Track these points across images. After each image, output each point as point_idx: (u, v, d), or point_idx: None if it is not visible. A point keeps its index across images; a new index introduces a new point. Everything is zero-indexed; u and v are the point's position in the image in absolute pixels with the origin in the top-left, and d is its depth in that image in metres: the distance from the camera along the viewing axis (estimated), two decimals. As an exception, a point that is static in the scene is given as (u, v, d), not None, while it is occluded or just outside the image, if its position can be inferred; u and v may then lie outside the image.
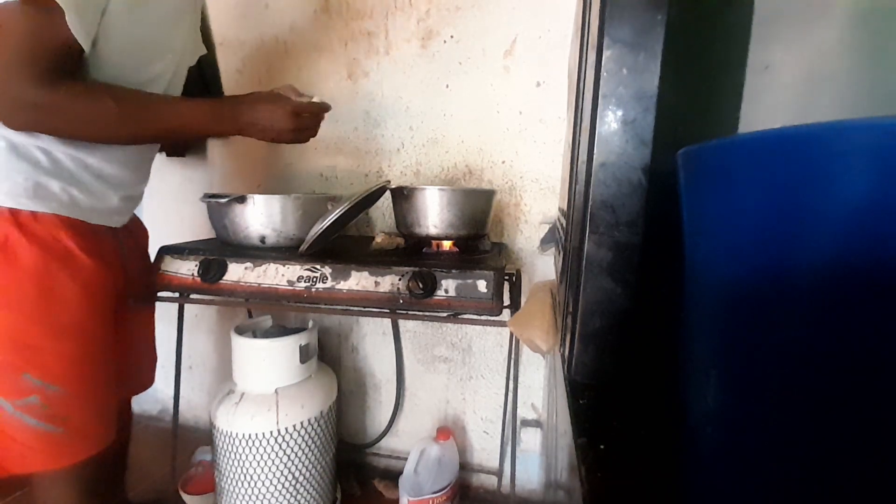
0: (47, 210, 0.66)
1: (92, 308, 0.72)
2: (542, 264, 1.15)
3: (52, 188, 0.67)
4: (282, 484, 0.95)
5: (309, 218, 0.92)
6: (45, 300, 0.66)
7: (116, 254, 0.79)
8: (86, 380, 0.71)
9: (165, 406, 1.59)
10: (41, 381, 0.67)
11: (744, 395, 0.20)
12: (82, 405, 0.71)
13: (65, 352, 0.69)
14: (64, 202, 0.68)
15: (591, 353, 0.38)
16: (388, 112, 1.18)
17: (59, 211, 0.68)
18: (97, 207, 0.74)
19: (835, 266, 0.16)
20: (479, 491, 1.26)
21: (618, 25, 0.33)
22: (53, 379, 0.68)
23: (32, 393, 0.66)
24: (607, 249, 0.36)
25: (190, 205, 1.41)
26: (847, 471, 0.17)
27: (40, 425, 0.67)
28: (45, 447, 0.68)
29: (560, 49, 1.03)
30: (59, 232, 0.67)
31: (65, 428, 0.69)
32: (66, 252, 0.68)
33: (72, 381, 0.69)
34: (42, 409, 0.67)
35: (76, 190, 0.70)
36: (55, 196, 0.67)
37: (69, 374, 0.69)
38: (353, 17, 1.16)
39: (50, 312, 0.67)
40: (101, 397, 0.74)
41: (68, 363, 0.69)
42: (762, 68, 0.35)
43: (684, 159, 0.24)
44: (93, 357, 0.72)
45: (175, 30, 0.77)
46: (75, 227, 0.70)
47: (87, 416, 0.72)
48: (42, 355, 0.67)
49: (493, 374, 1.23)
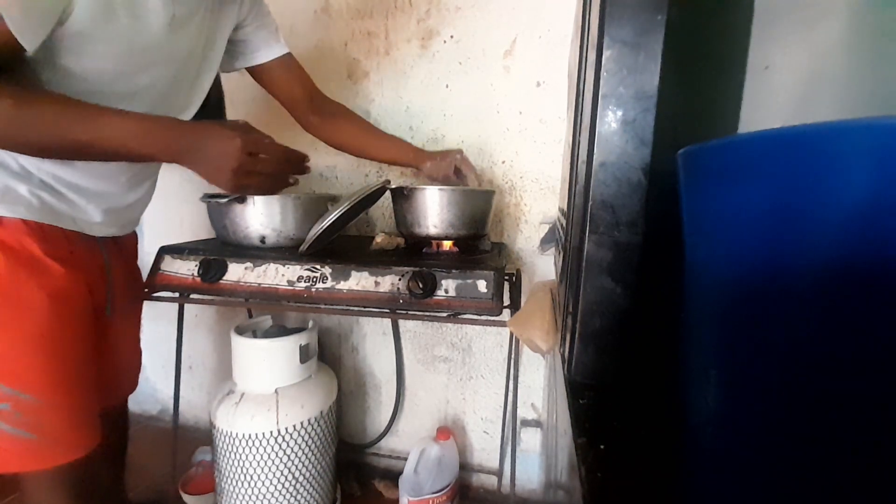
0: (14, 215, 0.63)
1: (61, 316, 0.68)
2: (542, 264, 1.15)
3: (20, 192, 0.64)
4: (282, 484, 0.95)
5: (309, 218, 0.92)
6: (12, 308, 0.64)
7: (96, 261, 0.76)
8: (58, 388, 0.69)
9: (165, 406, 1.59)
10: (11, 389, 0.65)
11: (744, 394, 0.20)
12: (56, 413, 0.69)
13: (34, 361, 0.67)
14: (34, 207, 0.65)
15: (591, 353, 0.38)
16: (388, 112, 1.18)
17: (27, 216, 0.65)
18: (74, 216, 0.71)
19: (835, 266, 0.16)
20: (479, 491, 1.26)
21: (618, 25, 0.33)
22: (24, 387, 0.66)
23: (4, 401, 0.65)
24: (607, 249, 0.36)
25: (190, 205, 1.40)
26: (847, 471, 0.17)
27: (14, 431, 0.66)
28: (21, 452, 0.67)
29: (560, 49, 1.03)
30: (25, 238, 0.65)
31: (38, 434, 0.67)
32: (32, 259, 0.65)
33: (43, 390, 0.68)
34: (15, 416, 0.66)
35: (47, 195, 0.67)
36: (24, 200, 0.64)
37: (41, 383, 0.67)
38: (353, 17, 1.16)
39: (17, 321, 0.65)
40: (77, 405, 0.72)
41: (39, 372, 0.67)
42: (762, 68, 0.35)
43: (684, 159, 0.24)
44: (64, 365, 0.70)
45: (173, 36, 0.70)
46: (44, 233, 0.67)
47: (61, 424, 0.70)
48: (11, 364, 0.65)
49: (493, 374, 1.23)
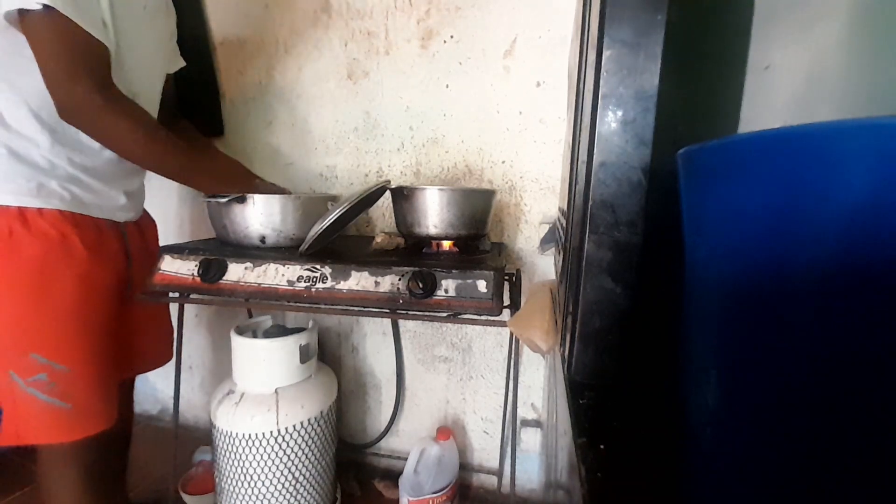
0: (51, 207, 0.74)
1: (88, 294, 0.78)
2: (542, 264, 1.15)
3: (52, 186, 0.74)
4: (282, 484, 0.95)
5: (309, 218, 0.92)
6: (46, 288, 0.73)
7: (119, 247, 0.86)
8: (88, 361, 0.78)
9: (165, 406, 1.59)
10: (48, 359, 0.74)
11: (744, 395, 0.20)
12: (87, 384, 0.78)
13: (66, 334, 0.75)
14: (66, 199, 0.76)
15: (591, 353, 0.38)
16: (388, 112, 1.18)
17: (62, 207, 0.75)
18: (101, 204, 0.81)
19: (835, 266, 0.16)
20: (479, 491, 1.26)
21: (618, 25, 0.33)
22: (59, 358, 0.74)
23: (41, 371, 0.73)
24: (607, 249, 0.36)
25: (190, 205, 1.41)
26: (847, 470, 0.17)
27: (50, 400, 0.74)
28: (54, 422, 0.75)
29: (560, 49, 1.03)
30: (63, 226, 0.75)
31: (72, 404, 0.76)
32: (66, 244, 0.75)
33: (76, 361, 0.76)
34: (50, 385, 0.74)
35: (76, 187, 0.77)
36: (57, 193, 0.75)
37: (73, 355, 0.76)
38: (353, 17, 1.16)
39: (50, 298, 0.74)
40: (103, 376, 0.81)
41: (71, 344, 0.76)
42: (762, 68, 0.35)
43: (684, 159, 0.24)
44: (91, 339, 0.79)
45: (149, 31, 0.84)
46: (77, 222, 0.77)
47: (91, 394, 0.78)
48: (46, 337, 0.74)
49: (493, 374, 1.23)
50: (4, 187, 0.71)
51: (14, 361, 0.73)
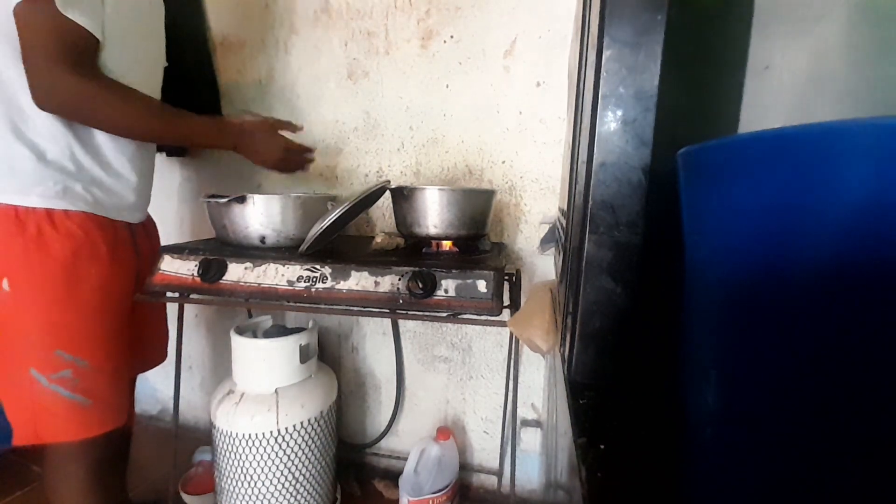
0: (76, 209, 0.76)
1: (110, 294, 0.81)
2: (542, 264, 1.15)
3: (77, 189, 0.77)
4: (282, 484, 0.95)
5: (309, 218, 0.92)
6: (74, 286, 0.76)
7: (132, 248, 0.88)
8: (108, 356, 0.80)
9: (165, 406, 1.59)
10: (72, 356, 0.75)
11: (744, 395, 0.20)
12: (107, 379, 0.80)
13: (89, 331, 0.78)
14: (89, 202, 0.78)
15: (591, 353, 0.38)
16: (388, 112, 1.18)
17: (86, 209, 0.78)
18: (117, 205, 0.84)
19: (834, 266, 0.16)
20: (479, 491, 1.26)
21: (618, 25, 0.33)
22: (83, 354, 0.76)
23: (65, 367, 0.75)
24: (607, 249, 0.36)
25: (190, 205, 1.41)
26: (847, 470, 0.17)
27: (73, 397, 0.75)
28: (76, 418, 0.77)
29: (560, 49, 1.03)
30: (88, 227, 0.78)
31: (93, 400, 0.78)
32: (92, 244, 0.78)
33: (97, 357, 0.78)
34: (74, 382, 0.75)
35: (98, 190, 0.80)
36: (81, 196, 0.77)
37: (95, 351, 0.78)
38: (352, 17, 1.16)
39: (76, 295, 0.76)
40: (119, 371, 0.84)
41: (92, 340, 0.78)
42: (762, 68, 0.35)
43: (684, 159, 0.24)
44: (112, 336, 0.82)
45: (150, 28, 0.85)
46: (100, 223, 0.80)
47: (110, 389, 0.81)
48: (71, 333, 0.76)
49: (493, 374, 1.23)
50: (33, 190, 0.72)
51: (37, 359, 0.74)
